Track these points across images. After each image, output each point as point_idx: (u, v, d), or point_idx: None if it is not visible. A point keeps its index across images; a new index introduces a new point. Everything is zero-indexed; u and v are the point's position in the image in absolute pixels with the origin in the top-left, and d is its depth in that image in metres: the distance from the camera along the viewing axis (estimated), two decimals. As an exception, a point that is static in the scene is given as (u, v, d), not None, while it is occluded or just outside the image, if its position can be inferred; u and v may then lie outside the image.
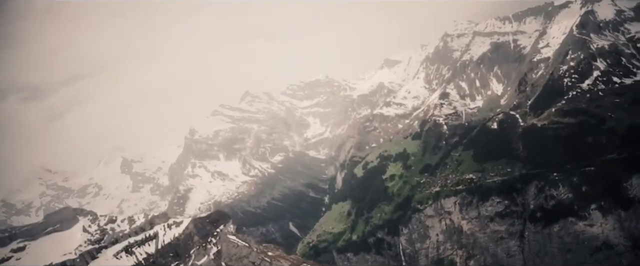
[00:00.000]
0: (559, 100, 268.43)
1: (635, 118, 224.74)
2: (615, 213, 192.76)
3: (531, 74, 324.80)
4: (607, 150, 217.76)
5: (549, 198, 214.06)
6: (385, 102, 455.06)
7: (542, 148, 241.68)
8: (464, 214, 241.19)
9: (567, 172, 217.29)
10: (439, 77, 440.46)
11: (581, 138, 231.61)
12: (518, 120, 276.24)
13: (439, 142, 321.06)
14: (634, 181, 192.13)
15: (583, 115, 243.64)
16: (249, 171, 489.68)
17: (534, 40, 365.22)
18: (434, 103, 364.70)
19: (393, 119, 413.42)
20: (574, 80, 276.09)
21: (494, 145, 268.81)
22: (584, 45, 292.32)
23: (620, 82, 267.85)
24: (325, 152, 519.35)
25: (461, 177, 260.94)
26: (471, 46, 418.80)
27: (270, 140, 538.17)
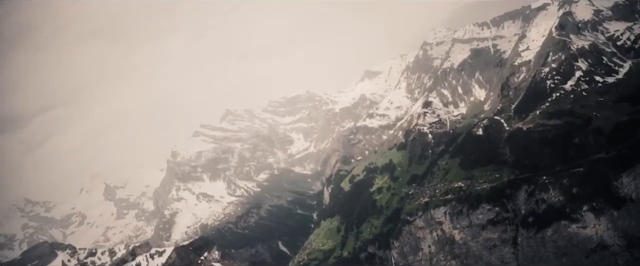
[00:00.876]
0: (542, 102, 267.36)
1: (620, 117, 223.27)
2: (608, 213, 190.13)
3: (513, 78, 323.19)
4: (594, 150, 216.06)
5: (540, 202, 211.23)
6: (368, 113, 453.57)
7: (529, 152, 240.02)
8: (455, 223, 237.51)
9: (556, 174, 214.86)
10: (421, 86, 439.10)
11: (568, 140, 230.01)
12: (503, 125, 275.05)
13: (425, 152, 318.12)
14: (624, 179, 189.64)
15: (568, 116, 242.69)
16: (235, 191, 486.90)
17: (514, 44, 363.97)
18: (417, 112, 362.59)
19: (377, 130, 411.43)
20: (556, 82, 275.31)
21: (480, 152, 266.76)
22: (565, 47, 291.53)
23: (603, 81, 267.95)
24: (311, 167, 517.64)
25: (449, 185, 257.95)
26: (451, 53, 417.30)
27: (254, 158, 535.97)
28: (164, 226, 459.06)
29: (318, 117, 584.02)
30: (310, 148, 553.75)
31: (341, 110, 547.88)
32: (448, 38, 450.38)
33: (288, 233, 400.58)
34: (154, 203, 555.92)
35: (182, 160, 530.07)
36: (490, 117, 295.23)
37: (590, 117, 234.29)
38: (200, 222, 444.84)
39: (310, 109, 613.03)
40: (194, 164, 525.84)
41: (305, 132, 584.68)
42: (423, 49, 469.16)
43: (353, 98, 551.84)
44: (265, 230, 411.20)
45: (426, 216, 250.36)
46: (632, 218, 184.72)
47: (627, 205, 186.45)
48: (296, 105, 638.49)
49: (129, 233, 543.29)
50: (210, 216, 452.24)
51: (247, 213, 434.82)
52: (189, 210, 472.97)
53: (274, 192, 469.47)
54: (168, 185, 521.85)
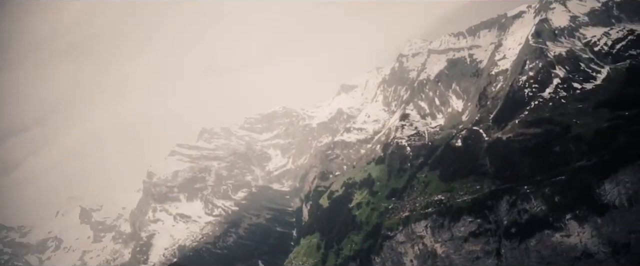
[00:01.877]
0: (521, 111, 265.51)
1: (600, 123, 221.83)
2: (592, 220, 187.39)
3: (490, 88, 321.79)
4: (575, 158, 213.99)
5: (522, 212, 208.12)
6: (345, 128, 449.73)
7: (509, 162, 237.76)
8: (436, 237, 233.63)
9: (537, 183, 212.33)
10: (398, 98, 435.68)
11: (548, 148, 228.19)
12: (482, 135, 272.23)
13: (404, 165, 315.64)
14: (606, 186, 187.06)
15: (548, 124, 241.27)
16: (212, 211, 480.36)
17: (490, 53, 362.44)
18: (394, 125, 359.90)
19: (355, 145, 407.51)
20: (534, 90, 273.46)
21: (460, 163, 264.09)
22: (542, 54, 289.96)
23: (581, 87, 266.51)
24: (290, 184, 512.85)
25: (430, 198, 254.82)
26: (427, 64, 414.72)
27: (231, 176, 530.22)
28: (141, 248, 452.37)
29: (295, 132, 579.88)
30: (288, 165, 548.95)
31: (318, 125, 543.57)
32: (424, 49, 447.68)
33: (268, 251, 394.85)
34: (130, 225, 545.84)
35: (158, 181, 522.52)
36: (468, 127, 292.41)
37: (570, 124, 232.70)
38: (178, 243, 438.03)
39: (287, 125, 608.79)
40: (170, 184, 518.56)
41: (283, 148, 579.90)
42: (399, 60, 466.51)
43: (330, 112, 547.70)
44: (245, 249, 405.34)
45: (407, 230, 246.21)
46: (616, 225, 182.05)
47: (611, 212, 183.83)
48: (273, 121, 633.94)
49: (107, 257, 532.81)
50: (188, 237, 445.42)
51: (226, 232, 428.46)
52: (166, 231, 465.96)
53: (253, 210, 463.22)
54: (144, 206, 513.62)
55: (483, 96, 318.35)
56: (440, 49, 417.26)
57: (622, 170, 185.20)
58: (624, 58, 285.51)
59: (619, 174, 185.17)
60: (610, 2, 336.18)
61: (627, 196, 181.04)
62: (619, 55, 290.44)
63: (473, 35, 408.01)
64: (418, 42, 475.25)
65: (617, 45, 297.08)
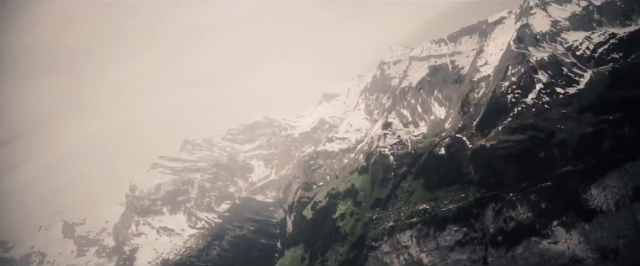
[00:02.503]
0: (504, 117, 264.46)
1: (584, 128, 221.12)
2: (579, 226, 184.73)
3: (473, 94, 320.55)
4: (561, 164, 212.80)
5: (508, 220, 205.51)
6: (327, 137, 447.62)
7: (494, 169, 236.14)
8: (422, 247, 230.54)
9: (523, 190, 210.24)
10: (380, 106, 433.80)
11: (533, 155, 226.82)
12: (465, 143, 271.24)
13: (387, 174, 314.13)
14: (593, 191, 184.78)
15: (531, 130, 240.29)
16: (196, 223, 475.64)
17: (472, 59, 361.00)
18: (377, 134, 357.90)
19: (337, 155, 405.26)
20: (517, 96, 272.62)
21: (444, 172, 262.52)
22: (524, 59, 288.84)
23: (564, 92, 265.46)
24: (273, 195, 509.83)
25: (414, 208, 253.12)
26: (409, 72, 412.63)
27: (214, 188, 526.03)
28: (125, 263, 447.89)
29: (278, 143, 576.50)
30: (271, 176, 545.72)
31: (301, 135, 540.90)
32: (405, 56, 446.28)
33: (252, 264, 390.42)
34: (114, 239, 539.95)
35: (141, 194, 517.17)
36: (452, 135, 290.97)
37: (554, 130, 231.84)
38: (161, 257, 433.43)
39: (270, 135, 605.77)
40: (153, 197, 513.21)
41: (266, 159, 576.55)
42: (380, 68, 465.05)
43: (312, 122, 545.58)
44: (229, 262, 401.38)
45: (392, 240, 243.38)
46: (604, 230, 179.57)
47: (598, 217, 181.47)
48: (255, 132, 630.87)
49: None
50: (172, 250, 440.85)
51: (209, 245, 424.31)
52: (149, 245, 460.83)
53: (236, 222, 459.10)
54: (127, 220, 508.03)
55: (466, 103, 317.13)
56: (422, 55, 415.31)
57: (608, 175, 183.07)
58: (606, 61, 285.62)
59: (606, 179, 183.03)
60: (591, 6, 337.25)
61: (614, 201, 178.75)
62: (601, 58, 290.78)
63: (454, 41, 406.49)
64: (399, 49, 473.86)
65: (599, 49, 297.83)
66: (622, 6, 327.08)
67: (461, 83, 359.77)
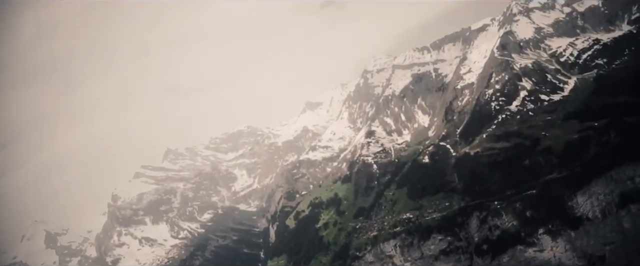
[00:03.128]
0: (488, 125, 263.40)
1: (570, 135, 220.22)
2: (565, 234, 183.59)
3: (456, 102, 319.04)
4: (546, 171, 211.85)
5: (494, 229, 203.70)
6: (310, 146, 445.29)
7: (478, 177, 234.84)
8: (406, 256, 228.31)
9: (508, 198, 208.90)
10: (363, 115, 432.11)
11: (517, 162, 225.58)
12: (449, 151, 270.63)
13: (371, 183, 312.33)
14: (579, 199, 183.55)
15: (516, 138, 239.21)
16: (178, 233, 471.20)
17: (455, 67, 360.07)
18: (360, 142, 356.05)
19: (320, 163, 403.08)
20: (501, 103, 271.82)
21: (427, 180, 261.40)
22: (507, 66, 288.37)
23: (549, 99, 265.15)
24: (256, 204, 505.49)
25: (398, 217, 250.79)
26: (392, 80, 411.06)
27: (197, 197, 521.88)
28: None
29: (261, 152, 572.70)
30: (254, 185, 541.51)
31: (284, 144, 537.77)
32: (388, 64, 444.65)
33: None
34: (96, 250, 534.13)
35: (123, 204, 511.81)
36: (435, 143, 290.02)
37: (539, 137, 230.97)
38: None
39: (253, 144, 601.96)
40: (135, 207, 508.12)
41: (249, 168, 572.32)
42: (363, 77, 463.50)
43: (295, 130, 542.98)
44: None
45: (376, 250, 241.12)
46: (590, 238, 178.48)
47: (584, 225, 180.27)
48: (238, 141, 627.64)
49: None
50: (154, 261, 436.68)
51: (192, 256, 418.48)
52: (131, 255, 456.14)
53: (219, 231, 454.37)
54: (109, 230, 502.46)
55: (449, 111, 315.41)
56: (405, 64, 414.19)
57: (594, 182, 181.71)
58: (590, 68, 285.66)
59: (592, 186, 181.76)
60: (574, 12, 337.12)
61: (601, 208, 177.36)
62: (585, 65, 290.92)
63: (437, 49, 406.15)
64: (382, 57, 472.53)
65: (583, 55, 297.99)
66: (605, 12, 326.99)
67: (445, 91, 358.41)
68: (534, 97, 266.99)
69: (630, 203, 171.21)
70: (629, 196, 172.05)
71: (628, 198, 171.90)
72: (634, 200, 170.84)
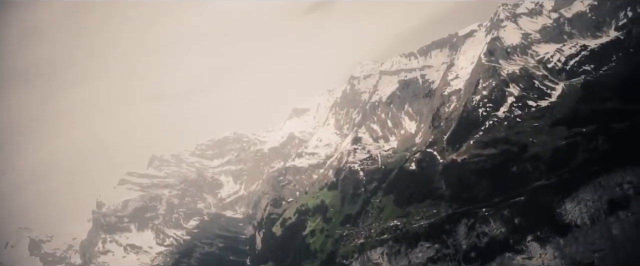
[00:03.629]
0: (476, 131, 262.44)
1: (557, 141, 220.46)
2: (554, 241, 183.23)
3: (444, 108, 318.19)
4: (534, 178, 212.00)
5: (482, 236, 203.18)
6: (297, 153, 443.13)
7: (466, 184, 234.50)
8: (393, 264, 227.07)
9: (496, 205, 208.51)
10: (350, 121, 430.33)
11: (505, 169, 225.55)
12: (436, 158, 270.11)
13: (357, 190, 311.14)
14: (567, 205, 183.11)
15: (504, 144, 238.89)
16: (164, 240, 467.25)
17: (443, 73, 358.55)
18: (347, 149, 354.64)
19: (307, 170, 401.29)
20: (488, 109, 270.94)
21: (415, 187, 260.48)
22: (495, 73, 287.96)
23: (536, 105, 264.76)
24: (242, 211, 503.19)
25: (385, 224, 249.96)
26: (379, 86, 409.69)
27: (183, 204, 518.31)
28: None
29: (247, 158, 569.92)
30: (240, 191, 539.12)
31: (270, 151, 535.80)
32: (375, 71, 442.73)
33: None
34: (81, 257, 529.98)
35: (108, 211, 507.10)
36: (422, 150, 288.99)
37: (527, 143, 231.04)
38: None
39: (239, 151, 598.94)
40: (120, 214, 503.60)
41: (235, 175, 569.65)
42: (350, 83, 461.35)
43: (282, 137, 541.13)
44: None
45: (363, 258, 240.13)
46: (579, 245, 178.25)
47: (573, 232, 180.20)
48: (224, 147, 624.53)
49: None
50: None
51: (177, 263, 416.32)
52: (116, 263, 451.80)
53: (205, 238, 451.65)
54: (94, 237, 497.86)
55: (436, 117, 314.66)
56: (392, 70, 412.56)
57: (582, 189, 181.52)
58: (578, 74, 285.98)
59: (580, 193, 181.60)
60: (562, 18, 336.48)
61: (589, 214, 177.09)
62: (573, 71, 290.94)
63: (424, 55, 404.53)
64: (369, 63, 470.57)
65: (570, 61, 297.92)
66: (592, 18, 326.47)
67: (432, 97, 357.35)
68: (522, 103, 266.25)
69: (619, 209, 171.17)
70: (618, 202, 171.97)
71: (617, 205, 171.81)
72: (623, 206, 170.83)
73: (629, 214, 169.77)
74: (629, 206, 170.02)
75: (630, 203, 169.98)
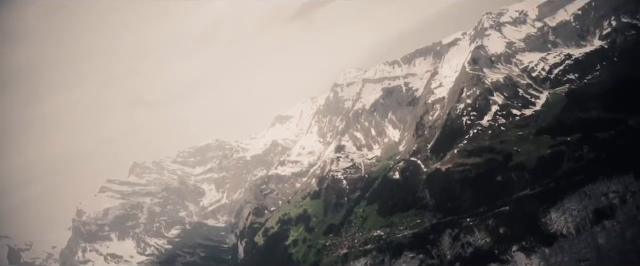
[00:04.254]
0: (460, 140, 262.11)
1: (542, 150, 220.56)
2: (539, 251, 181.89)
3: (427, 116, 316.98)
4: (519, 187, 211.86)
5: (466, 246, 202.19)
6: (279, 161, 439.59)
7: (450, 194, 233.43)
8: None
9: (480, 215, 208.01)
10: (333, 129, 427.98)
11: (490, 178, 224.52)
12: (420, 167, 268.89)
13: (340, 199, 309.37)
14: (552, 215, 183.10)
15: (488, 153, 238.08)
16: (145, 250, 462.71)
17: (426, 81, 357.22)
18: (330, 157, 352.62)
19: (290, 178, 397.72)
20: (472, 118, 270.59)
21: (398, 196, 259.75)
22: (479, 81, 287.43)
23: (521, 114, 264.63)
24: (225, 219, 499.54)
25: (368, 234, 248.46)
26: (362, 94, 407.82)
27: (165, 212, 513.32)
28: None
29: (229, 166, 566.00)
30: (222, 200, 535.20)
31: (253, 158, 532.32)
32: (358, 78, 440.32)
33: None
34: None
35: (88, 219, 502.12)
36: (406, 158, 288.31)
37: (511, 152, 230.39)
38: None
39: (221, 158, 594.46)
40: (100, 222, 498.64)
41: (217, 183, 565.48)
42: (333, 90, 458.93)
43: (264, 144, 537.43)
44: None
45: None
46: (564, 254, 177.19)
47: (559, 241, 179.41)
48: (206, 155, 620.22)
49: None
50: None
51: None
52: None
53: (187, 248, 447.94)
54: (74, 246, 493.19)
55: (420, 125, 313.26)
56: (376, 77, 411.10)
57: (567, 198, 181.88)
58: (562, 82, 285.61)
59: (565, 202, 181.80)
60: (546, 27, 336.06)
61: (575, 224, 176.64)
62: (557, 79, 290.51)
63: (408, 63, 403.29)
64: (353, 71, 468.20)
65: (554, 70, 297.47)
66: (577, 27, 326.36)
67: (415, 105, 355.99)
68: (506, 112, 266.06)
69: (605, 219, 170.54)
70: (603, 212, 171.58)
71: (602, 214, 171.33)
72: (608, 216, 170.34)
73: (614, 223, 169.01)
74: (614, 215, 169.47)
75: (616, 213, 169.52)
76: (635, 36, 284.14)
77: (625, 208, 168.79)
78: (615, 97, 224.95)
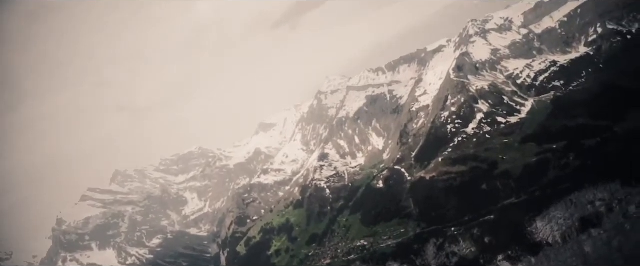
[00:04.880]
0: (444, 148, 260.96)
1: (528, 158, 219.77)
2: (525, 260, 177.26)
3: (412, 124, 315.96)
4: (504, 196, 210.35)
5: (451, 256, 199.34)
6: (263, 169, 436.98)
7: (434, 203, 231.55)
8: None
9: (465, 224, 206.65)
10: (317, 137, 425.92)
11: (475, 187, 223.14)
12: (404, 175, 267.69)
13: (324, 208, 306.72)
14: (538, 224, 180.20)
15: (473, 161, 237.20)
16: (126, 259, 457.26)
17: (411, 88, 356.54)
18: (313, 166, 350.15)
19: (273, 187, 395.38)
20: (457, 126, 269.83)
21: (382, 205, 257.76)
22: (464, 89, 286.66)
23: (506, 121, 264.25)
24: (207, 228, 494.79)
25: (352, 244, 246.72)
26: (346, 102, 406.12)
27: (146, 222, 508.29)
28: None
29: (212, 174, 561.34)
30: (205, 208, 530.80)
31: (236, 166, 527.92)
32: (343, 86, 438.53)
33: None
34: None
35: (68, 228, 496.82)
36: (390, 167, 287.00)
37: (496, 160, 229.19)
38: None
39: (204, 166, 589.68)
40: (81, 232, 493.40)
41: (200, 191, 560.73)
42: (317, 98, 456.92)
43: (248, 152, 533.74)
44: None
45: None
46: (550, 263, 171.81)
47: (545, 250, 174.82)
48: (189, 163, 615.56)
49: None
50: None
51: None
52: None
53: (169, 257, 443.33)
54: (54, 255, 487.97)
55: (404, 133, 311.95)
56: (360, 85, 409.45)
57: (553, 206, 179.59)
58: (547, 90, 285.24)
59: (551, 210, 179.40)
60: (531, 34, 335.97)
61: (561, 232, 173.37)
62: (542, 87, 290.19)
63: (393, 70, 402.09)
64: (337, 78, 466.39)
65: (540, 77, 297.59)
66: (562, 34, 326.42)
67: (400, 113, 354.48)
68: (491, 120, 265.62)
69: (591, 227, 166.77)
70: (590, 220, 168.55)
71: (588, 223, 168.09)
72: (595, 224, 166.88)
73: (601, 232, 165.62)
74: (601, 223, 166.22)
75: (603, 221, 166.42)
76: (621, 43, 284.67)
77: (611, 216, 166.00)
78: (601, 104, 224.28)
